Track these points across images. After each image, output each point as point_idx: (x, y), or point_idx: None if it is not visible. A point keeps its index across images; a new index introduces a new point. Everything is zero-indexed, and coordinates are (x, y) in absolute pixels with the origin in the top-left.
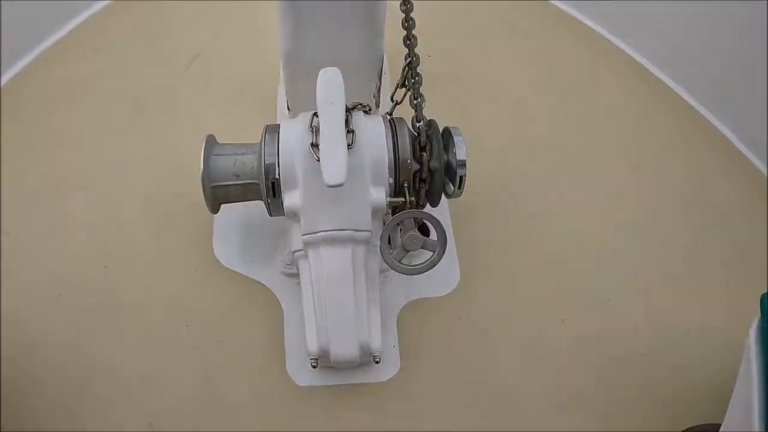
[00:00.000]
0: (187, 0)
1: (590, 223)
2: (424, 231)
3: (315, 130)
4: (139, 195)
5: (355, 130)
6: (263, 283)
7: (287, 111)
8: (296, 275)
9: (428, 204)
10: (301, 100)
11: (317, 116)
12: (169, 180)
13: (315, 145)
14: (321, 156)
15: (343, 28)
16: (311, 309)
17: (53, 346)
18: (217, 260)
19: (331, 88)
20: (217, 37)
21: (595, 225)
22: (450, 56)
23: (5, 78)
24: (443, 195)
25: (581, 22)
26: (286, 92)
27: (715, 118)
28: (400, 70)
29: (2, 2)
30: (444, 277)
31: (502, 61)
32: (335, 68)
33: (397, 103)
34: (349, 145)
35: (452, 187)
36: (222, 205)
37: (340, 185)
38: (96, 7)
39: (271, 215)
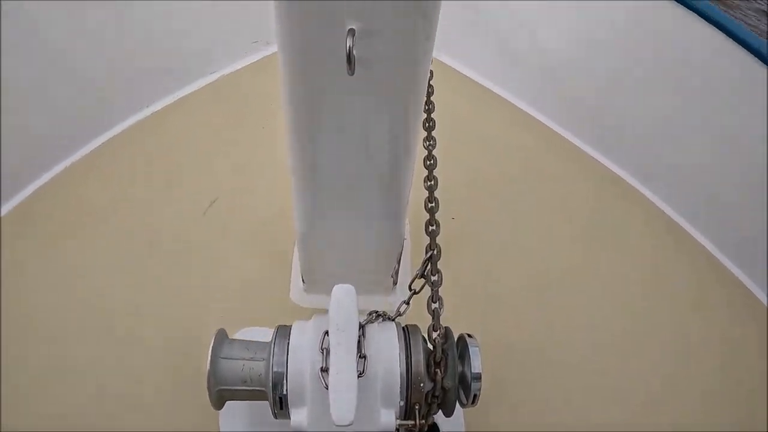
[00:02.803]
0: (211, 136)
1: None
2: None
3: (325, 353)
4: (146, 347)
5: (368, 354)
6: None
7: (301, 283)
8: None
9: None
10: (315, 280)
11: (328, 334)
12: (178, 337)
13: (325, 370)
14: (330, 392)
15: (364, 214)
16: None
17: None
18: None
19: (343, 312)
20: (238, 179)
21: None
22: (473, 218)
23: (9, 204)
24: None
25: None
26: (300, 265)
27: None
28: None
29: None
30: None
31: (526, 219)
32: (349, 286)
33: (414, 292)
34: (360, 373)
35: (465, 400)
36: None
37: (350, 425)
38: (117, 130)
39: (276, 419)
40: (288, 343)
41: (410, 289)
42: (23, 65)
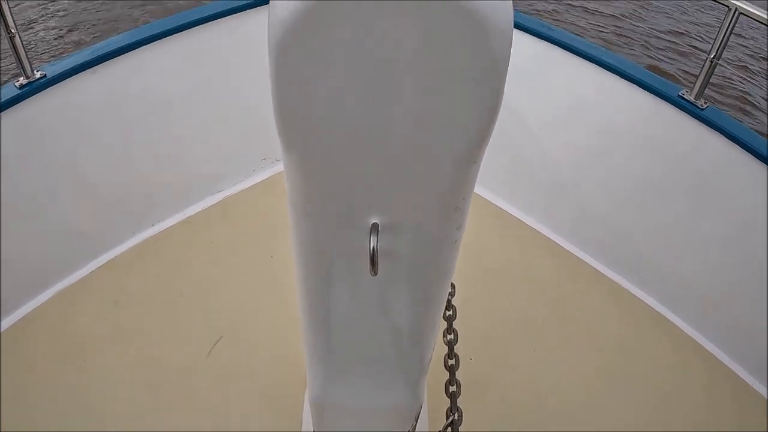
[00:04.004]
0: (217, 261)
1: None
2: None
3: None
4: None
5: None
6: None
7: None
8: None
9: None
10: None
11: None
12: None
13: None
14: None
15: (382, 377)
16: None
17: None
18: None
19: None
20: (244, 315)
21: None
22: (493, 357)
23: (6, 323)
24: None
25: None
26: (313, 423)
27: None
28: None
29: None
30: None
31: (548, 354)
32: None
33: None
34: None
35: None
36: None
37: None
38: (120, 249)
39: None
40: None
41: None
42: (26, 180)
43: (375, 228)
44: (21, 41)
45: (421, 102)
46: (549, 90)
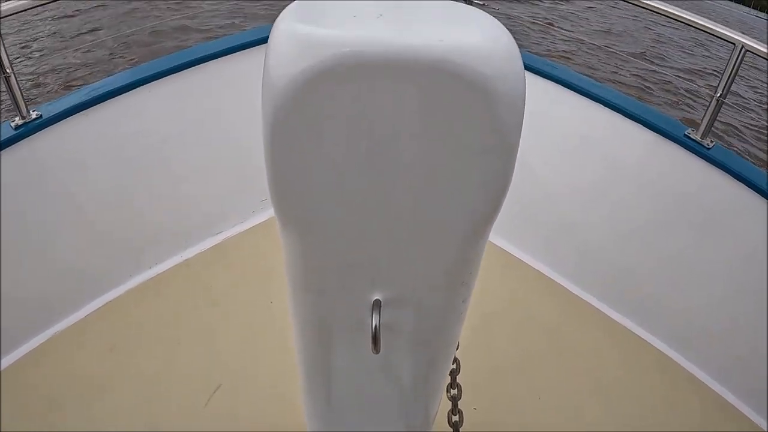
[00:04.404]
0: (216, 305)
1: None
2: None
3: None
4: None
5: None
6: None
7: None
8: None
9: None
10: None
11: None
12: None
13: None
14: None
15: (383, 416)
16: None
17: None
18: None
19: None
20: (243, 363)
21: None
22: (496, 407)
23: (5, 363)
24: None
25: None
26: None
27: None
28: None
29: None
30: None
31: (554, 400)
32: None
33: None
34: None
35: None
36: None
37: None
38: (118, 291)
39: None
40: None
41: None
42: (23, 221)
43: (377, 305)
44: (16, 81)
45: (425, 176)
46: (553, 129)
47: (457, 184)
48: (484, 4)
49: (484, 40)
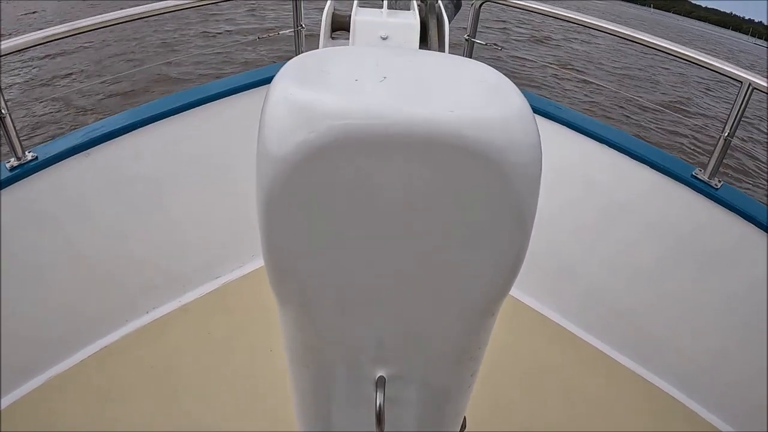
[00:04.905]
0: (213, 353)
1: None
2: None
3: None
4: None
5: None
6: None
7: None
8: None
9: None
10: None
11: None
12: None
13: None
14: None
15: None
16: None
17: None
18: None
19: None
20: (242, 416)
21: None
22: None
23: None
24: None
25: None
26: None
27: None
28: None
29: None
30: None
31: None
32: None
33: None
34: None
35: None
36: None
37: None
38: (113, 337)
39: None
40: None
41: None
42: (18, 263)
43: (381, 382)
44: (12, 122)
45: (434, 253)
46: (556, 169)
47: (468, 261)
48: (486, 45)
49: (497, 108)
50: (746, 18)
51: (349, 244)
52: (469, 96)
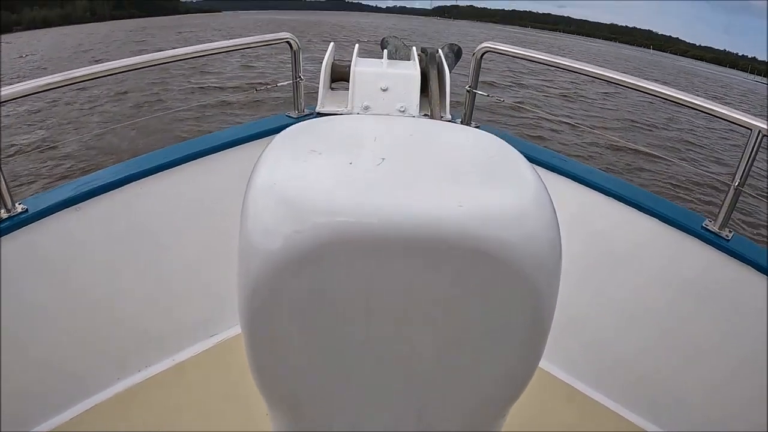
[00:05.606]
0: (207, 415)
1: None
2: None
3: None
4: None
5: None
6: None
7: None
8: None
9: None
10: None
11: None
12: None
13: None
14: None
15: None
16: None
17: None
18: None
19: None
20: None
21: None
22: None
23: None
24: None
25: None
26: None
27: None
28: None
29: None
30: None
31: None
32: None
33: None
34: None
35: None
36: None
37: None
38: (102, 396)
39: None
40: None
41: None
42: (4, 318)
43: None
44: (3, 175)
45: (439, 362)
46: (562, 224)
47: (476, 370)
48: (488, 96)
49: (511, 197)
50: (740, 54)
51: (344, 353)
52: (477, 182)
